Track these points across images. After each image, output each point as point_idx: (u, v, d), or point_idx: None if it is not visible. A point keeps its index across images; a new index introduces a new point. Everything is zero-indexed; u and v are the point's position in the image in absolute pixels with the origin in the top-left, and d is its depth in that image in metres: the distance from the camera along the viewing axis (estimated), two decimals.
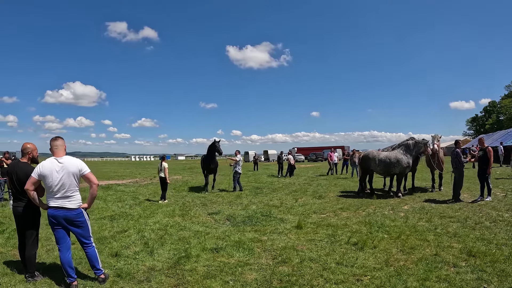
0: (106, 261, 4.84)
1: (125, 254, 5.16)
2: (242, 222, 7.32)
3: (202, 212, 8.67)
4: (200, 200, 10.80)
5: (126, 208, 9.55)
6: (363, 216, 7.60)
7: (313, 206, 9.16)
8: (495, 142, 27.45)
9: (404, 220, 6.98)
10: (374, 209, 8.44)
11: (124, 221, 7.73)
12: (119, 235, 6.41)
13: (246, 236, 6.07)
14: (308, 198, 10.77)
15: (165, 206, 9.66)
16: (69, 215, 3.93)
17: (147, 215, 8.51)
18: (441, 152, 11.57)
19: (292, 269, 4.37)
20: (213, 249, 5.31)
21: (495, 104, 73.20)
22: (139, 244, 5.72)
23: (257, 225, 6.98)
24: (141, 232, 6.55)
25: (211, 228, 6.87)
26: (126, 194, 12.68)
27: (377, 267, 4.32)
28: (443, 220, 6.90)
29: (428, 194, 10.76)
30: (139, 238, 6.11)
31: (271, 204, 9.69)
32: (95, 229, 6.81)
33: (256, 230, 6.48)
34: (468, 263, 4.36)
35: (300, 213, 8.10)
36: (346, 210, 8.41)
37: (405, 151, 10.46)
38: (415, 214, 7.56)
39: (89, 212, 9.03)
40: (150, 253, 5.21)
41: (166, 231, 6.68)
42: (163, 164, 10.69)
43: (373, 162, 10.64)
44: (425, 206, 8.62)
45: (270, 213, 8.18)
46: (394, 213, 7.80)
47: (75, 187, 3.99)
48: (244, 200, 10.65)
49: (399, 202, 9.33)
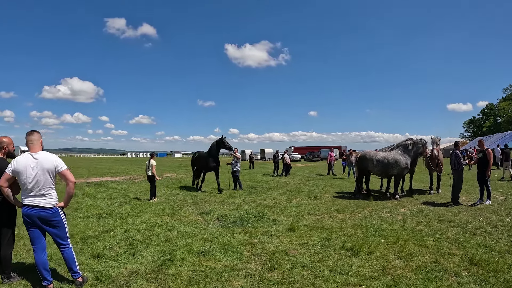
0: (87, 262, 4.59)
1: (107, 255, 4.89)
2: (233, 223, 7.02)
3: (193, 212, 8.36)
4: (192, 199, 10.49)
5: (115, 206, 9.24)
6: (359, 218, 7.31)
7: (307, 207, 8.87)
8: (492, 145, 27.32)
9: (401, 223, 6.70)
10: (370, 211, 8.17)
11: (111, 220, 7.46)
12: (104, 234, 6.15)
13: (236, 238, 5.77)
14: (303, 198, 10.49)
15: (155, 205, 9.35)
16: (44, 214, 3.68)
17: (136, 214, 8.21)
18: (441, 154, 11.32)
19: (282, 276, 4.07)
20: (199, 252, 5.01)
21: (492, 107, 73.36)
22: (123, 245, 5.45)
23: (249, 226, 6.68)
24: (127, 232, 6.29)
25: (200, 229, 6.57)
26: (117, 192, 12.35)
27: (373, 275, 4.03)
28: (442, 224, 6.63)
29: (426, 197, 10.51)
30: (124, 239, 5.84)
31: (265, 204, 9.39)
32: (81, 228, 6.60)
33: (246, 232, 6.18)
34: (470, 273, 4.08)
35: (294, 215, 7.81)
36: (341, 212, 8.12)
37: (403, 152, 10.20)
38: (413, 218, 7.29)
39: (78, 209, 8.87)
40: (133, 255, 4.94)
41: (153, 231, 6.40)
42: (151, 162, 10.36)
43: (371, 163, 10.37)
44: (423, 209, 8.35)
45: (262, 213, 7.88)
46: (391, 216, 7.53)
47: (50, 184, 3.72)
48: (237, 199, 10.35)
49: (397, 205, 9.06)
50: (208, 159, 12.43)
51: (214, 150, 12.47)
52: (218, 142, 12.47)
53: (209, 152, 12.57)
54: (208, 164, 12.43)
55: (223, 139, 12.42)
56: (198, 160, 13.41)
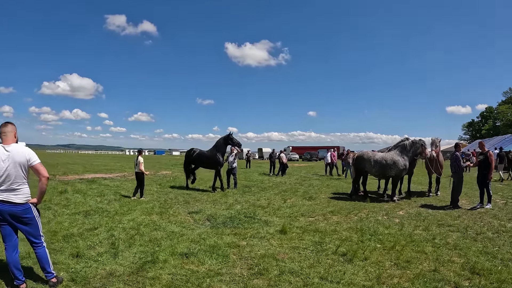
0: (65, 262, 4.37)
1: (87, 255, 4.67)
2: (223, 223, 6.71)
3: (182, 211, 8.05)
4: (183, 197, 10.17)
5: (104, 204, 8.94)
6: (355, 221, 7.00)
7: (301, 208, 8.56)
8: (491, 148, 27.05)
9: (399, 227, 6.40)
10: (367, 213, 7.86)
11: (98, 218, 7.23)
12: (87, 232, 5.92)
13: (223, 240, 5.46)
14: (297, 199, 10.18)
15: (144, 203, 9.03)
16: (15, 210, 3.45)
17: (124, 211, 7.93)
18: (441, 156, 11.03)
19: (268, 282, 3.76)
20: (183, 254, 4.71)
21: (492, 110, 73.23)
22: (106, 244, 5.21)
23: (238, 227, 6.36)
24: (111, 231, 6.04)
25: (188, 229, 6.27)
26: (108, 189, 12.03)
27: (367, 284, 3.71)
28: (441, 228, 6.33)
29: (425, 199, 10.21)
30: (107, 237, 5.60)
31: (258, 204, 9.08)
32: (65, 225, 6.39)
33: (235, 234, 5.87)
34: (472, 283, 3.77)
35: (287, 216, 7.50)
36: (336, 213, 7.81)
37: (401, 152, 9.89)
38: (411, 221, 6.99)
39: (65, 206, 8.57)
40: (114, 255, 4.69)
41: (138, 230, 6.12)
42: (139, 159, 10.04)
43: (368, 163, 10.06)
44: (422, 212, 8.06)
45: (254, 214, 7.57)
46: (388, 219, 7.22)
47: (22, 179, 3.49)
48: (229, 198, 10.04)
49: (394, 207, 8.75)
50: (217, 155, 11.86)
51: (223, 147, 12.04)
52: (225, 139, 12.00)
53: (218, 148, 11.98)
54: (219, 161, 11.87)
55: (231, 136, 12.01)
56: (200, 157, 12.39)
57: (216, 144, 12.18)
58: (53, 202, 9.10)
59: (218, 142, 12.12)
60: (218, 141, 12.15)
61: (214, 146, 12.18)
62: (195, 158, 12.50)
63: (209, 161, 12.13)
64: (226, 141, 11.97)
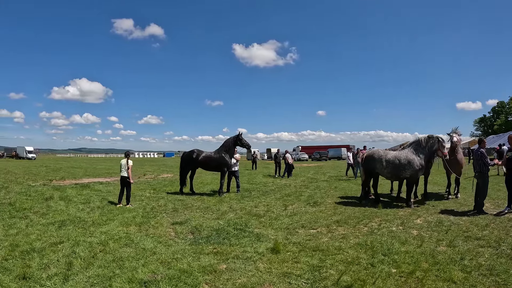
0: (8, 285, 3.79)
1: (36, 277, 4.05)
2: (207, 237, 5.71)
3: (166, 221, 7.10)
4: (173, 204, 9.20)
5: (84, 212, 8.12)
6: (365, 234, 5.89)
7: (303, 216, 7.47)
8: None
9: (418, 242, 5.26)
10: (379, 223, 6.74)
11: (71, 229, 6.50)
12: (50, 248, 5.22)
13: (200, 261, 4.47)
14: (300, 205, 9.09)
15: (127, 211, 8.12)
16: None
17: (102, 221, 7.11)
18: (460, 153, 9.76)
19: None
20: (143, 282, 3.77)
21: (503, 105, 70.76)
22: (62, 264, 4.48)
23: (224, 243, 5.35)
24: (75, 246, 5.28)
25: (164, 245, 5.33)
26: (98, 194, 11.21)
27: None
28: (469, 243, 5.18)
29: (444, 203, 8.97)
30: (67, 255, 4.86)
31: (254, 212, 8.03)
32: (31, 238, 5.77)
33: (217, 252, 4.86)
34: None
35: (285, 227, 6.44)
36: (343, 224, 6.70)
37: (416, 150, 8.66)
38: (432, 233, 5.85)
39: (44, 215, 7.78)
40: (64, 279, 4.01)
41: (106, 246, 5.31)
42: (128, 162, 9.10)
43: (379, 164, 8.90)
44: (443, 219, 6.89)
45: (246, 225, 6.54)
46: (404, 230, 6.09)
47: None
48: (224, 205, 9.03)
49: (410, 214, 7.58)
50: (225, 157, 11.18)
51: (232, 148, 11.39)
52: (234, 140, 11.37)
53: (226, 149, 11.29)
54: (227, 163, 11.20)
55: (240, 136, 11.39)
56: (206, 159, 11.38)
57: (224, 144, 11.45)
58: (33, 210, 8.39)
59: (226, 143, 11.42)
60: (227, 141, 11.45)
61: (222, 146, 11.43)
62: (200, 161, 11.41)
63: (217, 164, 11.27)
64: (235, 142, 11.38)
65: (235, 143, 11.37)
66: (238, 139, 11.33)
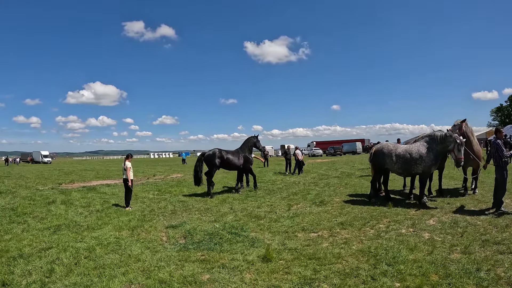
0: None
1: (15, 284, 4.00)
2: (197, 243, 5.36)
3: (161, 224, 6.81)
4: (173, 206, 8.92)
5: (82, 216, 8.00)
6: (370, 238, 5.37)
7: (306, 218, 7.01)
8: None
9: (429, 248, 4.70)
10: (387, 224, 6.20)
11: (64, 234, 6.38)
12: (38, 253, 5.13)
13: (183, 270, 4.13)
14: (305, 204, 8.62)
15: (124, 214, 7.89)
16: None
17: (97, 226, 6.96)
18: (476, 144, 8.97)
19: None
20: None
21: None
22: (43, 271, 4.36)
23: (214, 249, 5.00)
24: (62, 252, 5.15)
25: (151, 250, 5.06)
26: (102, 197, 11.10)
27: None
28: (487, 249, 4.60)
29: (460, 200, 8.28)
30: (51, 261, 4.74)
31: (255, 213, 7.63)
32: (23, 243, 5.70)
33: (204, 260, 4.50)
34: None
35: (284, 231, 6.00)
36: (347, 226, 6.19)
37: (429, 144, 8.00)
38: (445, 236, 5.27)
39: (42, 219, 7.66)
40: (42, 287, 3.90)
41: (91, 252, 5.12)
42: (126, 164, 8.87)
43: (389, 159, 8.29)
44: (458, 220, 6.27)
45: (242, 229, 6.14)
46: (414, 233, 5.53)
47: None
48: (226, 206, 8.67)
49: (423, 214, 6.98)
50: (250, 157, 11.88)
51: (251, 148, 12.09)
52: (254, 141, 12.10)
53: (248, 149, 11.94)
54: (250, 162, 11.87)
55: (257, 139, 12.19)
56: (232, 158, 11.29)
57: (247, 145, 12.00)
58: (33, 215, 8.35)
59: (249, 144, 12.02)
60: (249, 142, 12.03)
61: (245, 146, 11.94)
62: (226, 161, 11.17)
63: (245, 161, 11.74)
64: (254, 144, 12.09)
65: (253, 145, 12.06)
66: (257, 140, 12.10)
